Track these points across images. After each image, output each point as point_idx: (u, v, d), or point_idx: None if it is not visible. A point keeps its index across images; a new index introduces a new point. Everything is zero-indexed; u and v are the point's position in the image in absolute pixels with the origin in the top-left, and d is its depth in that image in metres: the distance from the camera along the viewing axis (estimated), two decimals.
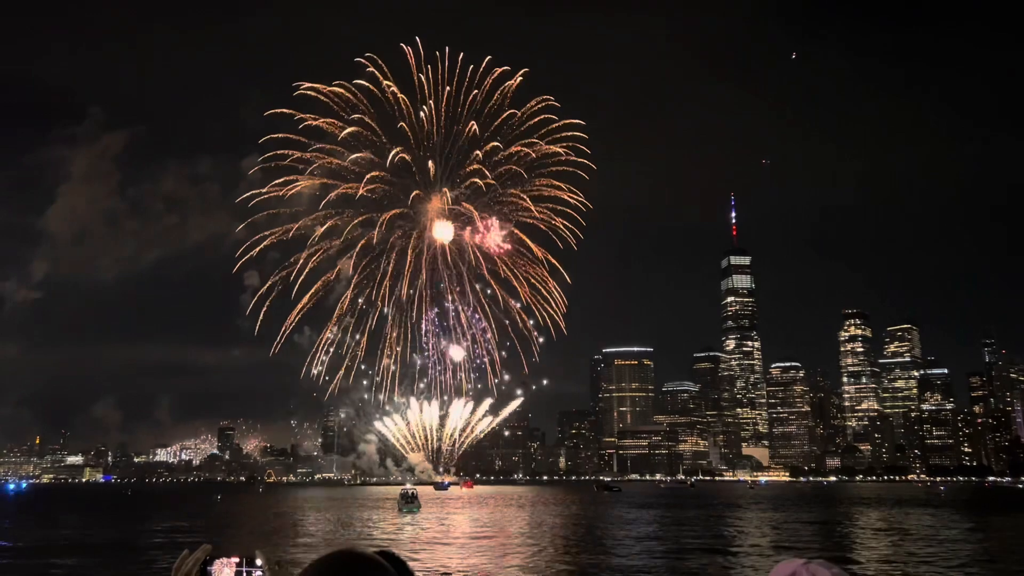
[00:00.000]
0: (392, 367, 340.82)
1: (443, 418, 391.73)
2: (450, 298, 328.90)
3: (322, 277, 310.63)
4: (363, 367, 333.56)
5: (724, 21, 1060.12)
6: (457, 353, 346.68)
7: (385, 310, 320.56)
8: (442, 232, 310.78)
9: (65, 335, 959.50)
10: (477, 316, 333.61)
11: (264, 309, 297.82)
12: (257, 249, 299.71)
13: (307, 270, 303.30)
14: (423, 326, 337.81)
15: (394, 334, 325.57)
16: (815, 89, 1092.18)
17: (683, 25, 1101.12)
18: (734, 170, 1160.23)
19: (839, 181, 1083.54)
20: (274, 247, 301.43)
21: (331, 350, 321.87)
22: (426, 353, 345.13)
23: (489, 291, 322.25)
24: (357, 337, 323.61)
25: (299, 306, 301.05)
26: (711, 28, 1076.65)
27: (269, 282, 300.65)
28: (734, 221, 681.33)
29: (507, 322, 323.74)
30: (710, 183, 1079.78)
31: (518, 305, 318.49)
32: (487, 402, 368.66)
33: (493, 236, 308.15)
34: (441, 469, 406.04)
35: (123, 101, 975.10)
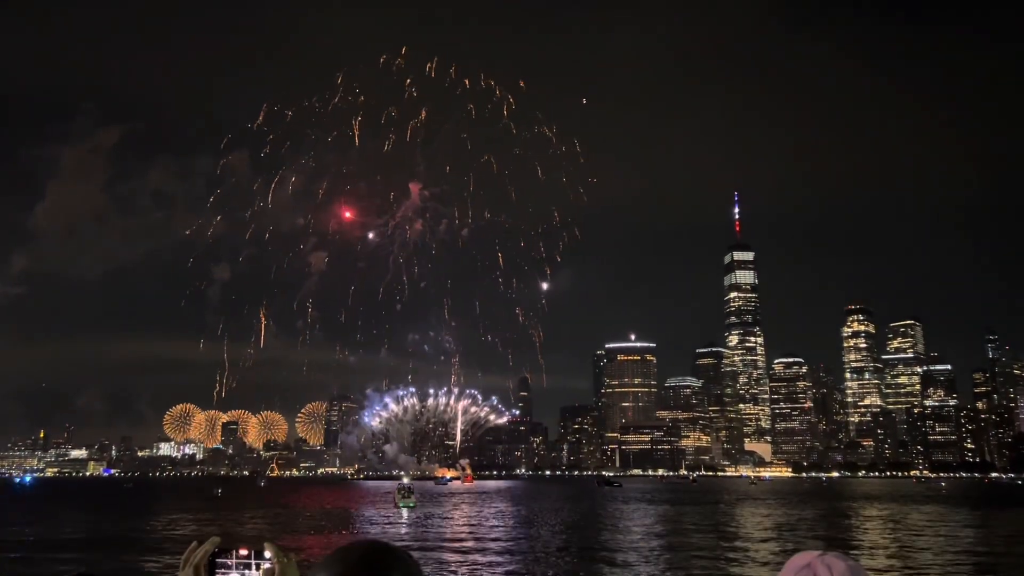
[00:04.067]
0: (364, 360, 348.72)
1: (423, 411, 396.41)
2: (432, 294, 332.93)
3: (299, 272, 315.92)
4: (339, 357, 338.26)
5: (728, 17, 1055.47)
6: (440, 347, 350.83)
7: (362, 304, 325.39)
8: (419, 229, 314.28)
9: (52, 330, 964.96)
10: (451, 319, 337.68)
11: (230, 302, 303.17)
12: (263, 248, 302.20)
13: (283, 264, 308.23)
14: (405, 323, 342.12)
15: (368, 330, 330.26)
16: (818, 85, 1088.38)
17: (686, 22, 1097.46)
18: (738, 166, 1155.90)
19: (842, 177, 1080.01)
20: (255, 242, 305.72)
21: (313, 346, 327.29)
22: (411, 341, 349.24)
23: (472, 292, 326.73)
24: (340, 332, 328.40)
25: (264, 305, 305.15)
26: (714, 25, 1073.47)
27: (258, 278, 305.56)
28: (737, 217, 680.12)
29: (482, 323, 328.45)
30: (713, 179, 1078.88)
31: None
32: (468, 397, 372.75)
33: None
34: (439, 463, 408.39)
35: (114, 99, 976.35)
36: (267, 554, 3.72)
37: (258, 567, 3.74)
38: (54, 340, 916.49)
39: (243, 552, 3.78)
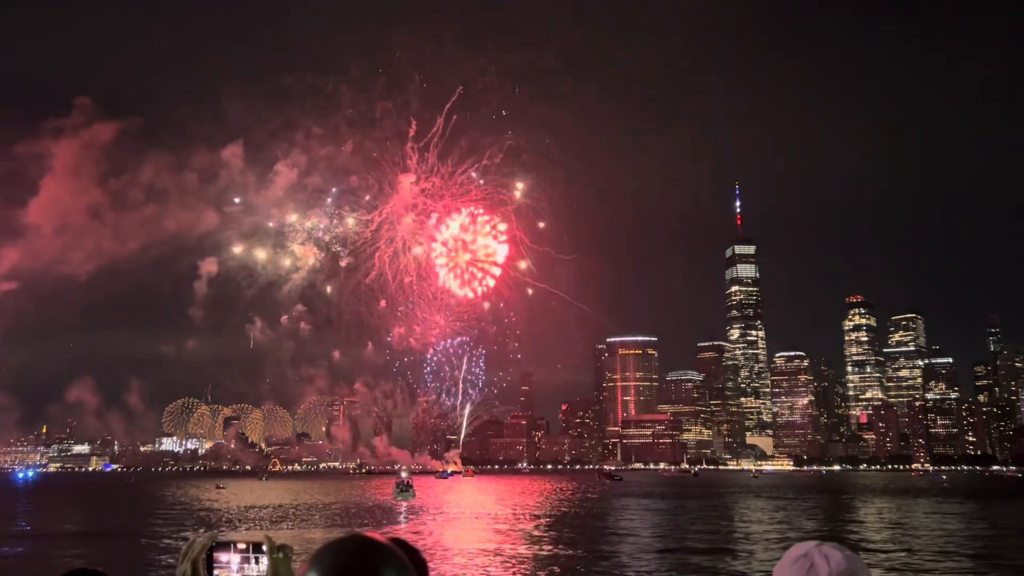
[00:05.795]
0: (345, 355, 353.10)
1: (417, 405, 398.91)
2: (415, 292, 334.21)
3: (289, 267, 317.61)
4: (332, 353, 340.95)
5: (729, 12, 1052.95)
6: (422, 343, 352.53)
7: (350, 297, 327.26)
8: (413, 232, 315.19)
9: (45, 326, 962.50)
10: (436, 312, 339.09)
11: (224, 298, 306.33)
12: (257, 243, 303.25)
13: (274, 261, 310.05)
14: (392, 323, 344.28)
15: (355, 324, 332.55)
16: (819, 78, 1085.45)
17: (687, 16, 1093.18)
18: (739, 160, 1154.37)
19: (844, 170, 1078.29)
20: (248, 238, 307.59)
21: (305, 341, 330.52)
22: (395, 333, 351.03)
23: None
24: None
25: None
26: (716, 18, 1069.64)
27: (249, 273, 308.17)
28: (739, 211, 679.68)
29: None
30: (715, 173, 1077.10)
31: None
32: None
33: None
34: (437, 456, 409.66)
35: (110, 95, 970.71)
36: (264, 548, 3.80)
37: (255, 561, 3.84)
38: (47, 336, 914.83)
39: (240, 546, 3.88)
